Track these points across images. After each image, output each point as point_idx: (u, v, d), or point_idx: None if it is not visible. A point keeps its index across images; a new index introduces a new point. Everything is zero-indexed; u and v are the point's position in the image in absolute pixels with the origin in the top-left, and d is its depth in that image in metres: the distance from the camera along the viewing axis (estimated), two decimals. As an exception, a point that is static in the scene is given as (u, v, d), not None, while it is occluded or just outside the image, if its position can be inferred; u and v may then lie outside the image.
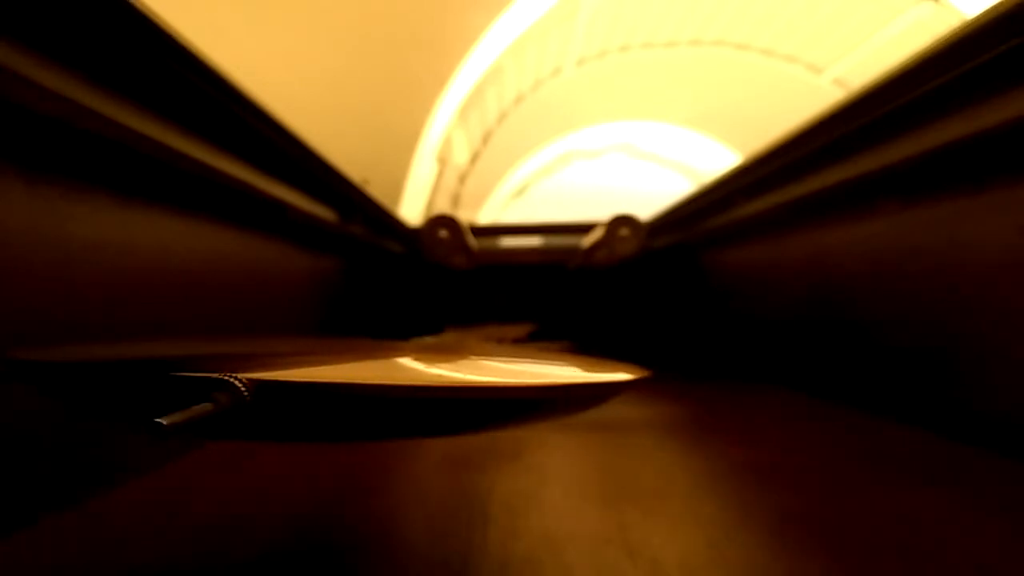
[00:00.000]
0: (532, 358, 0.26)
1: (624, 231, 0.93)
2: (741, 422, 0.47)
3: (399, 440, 0.36)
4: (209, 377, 0.13)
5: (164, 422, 0.11)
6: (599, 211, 1.02)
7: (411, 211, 2.61)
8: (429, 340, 0.50)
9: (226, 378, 0.13)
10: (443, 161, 3.02)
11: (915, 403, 0.42)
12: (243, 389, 0.13)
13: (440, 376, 0.20)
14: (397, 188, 2.52)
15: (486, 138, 3.40)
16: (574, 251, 1.04)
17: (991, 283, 0.36)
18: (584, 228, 1.05)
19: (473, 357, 0.29)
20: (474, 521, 0.24)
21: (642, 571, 0.20)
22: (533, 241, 1.18)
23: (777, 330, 0.67)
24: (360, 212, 0.73)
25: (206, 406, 0.12)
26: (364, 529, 0.24)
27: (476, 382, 0.17)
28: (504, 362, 0.26)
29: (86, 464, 0.29)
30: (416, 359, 0.23)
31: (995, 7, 0.30)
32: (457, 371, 0.23)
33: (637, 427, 0.43)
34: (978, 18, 0.31)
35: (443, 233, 0.92)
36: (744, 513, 0.26)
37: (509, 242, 1.18)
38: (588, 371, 0.23)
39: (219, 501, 0.28)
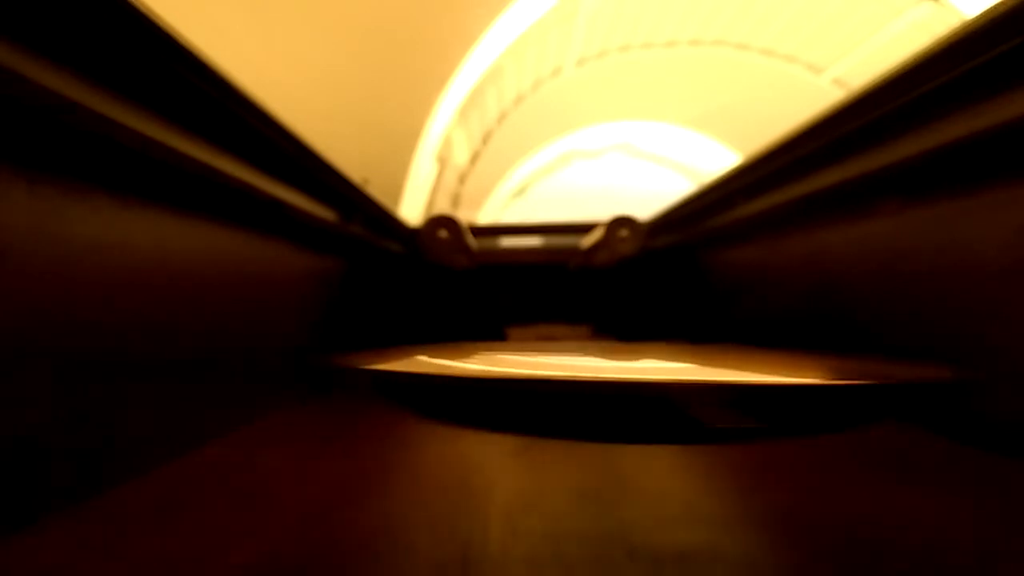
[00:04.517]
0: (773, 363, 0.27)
1: (624, 231, 0.93)
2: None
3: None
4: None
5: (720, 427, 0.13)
6: (599, 211, 1.03)
7: (411, 211, 2.61)
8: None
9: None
10: (443, 161, 3.02)
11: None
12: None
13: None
14: (397, 188, 2.52)
15: (486, 138, 3.40)
16: (574, 251, 1.04)
17: (991, 283, 0.36)
18: (584, 228, 1.05)
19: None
20: (474, 521, 0.24)
21: (642, 571, 0.20)
22: (533, 241, 1.18)
23: (777, 329, 0.67)
24: (360, 212, 0.73)
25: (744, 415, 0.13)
26: (364, 529, 0.24)
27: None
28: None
29: (86, 464, 0.29)
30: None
31: (995, 7, 0.30)
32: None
33: (637, 427, 0.43)
34: (978, 18, 0.31)
35: (443, 233, 0.92)
36: (744, 512, 0.26)
37: (509, 242, 1.18)
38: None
39: (219, 501, 0.28)
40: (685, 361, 0.25)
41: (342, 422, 0.50)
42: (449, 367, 0.22)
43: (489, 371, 0.21)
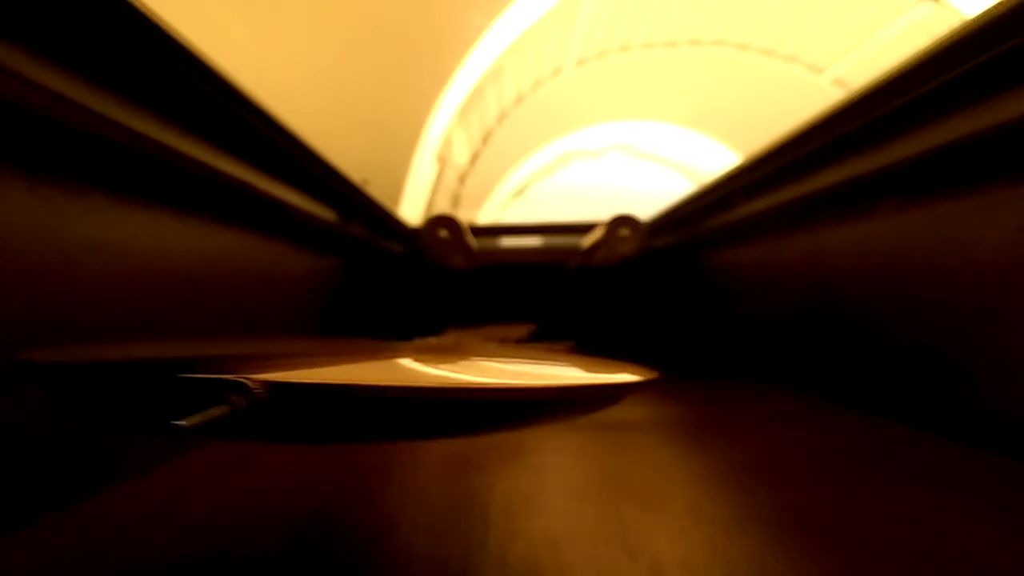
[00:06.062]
0: (536, 358, 0.26)
1: (624, 231, 0.93)
2: (741, 422, 0.47)
3: (405, 441, 0.36)
4: (222, 378, 0.13)
5: (182, 424, 0.12)
6: (599, 211, 1.02)
7: (411, 211, 2.61)
8: (432, 341, 0.50)
9: (240, 379, 0.13)
10: (443, 161, 3.02)
11: (914, 403, 0.42)
12: (257, 390, 0.13)
13: (444, 377, 0.20)
14: (397, 188, 2.52)
15: (486, 138, 3.40)
16: (574, 251, 1.04)
17: (991, 283, 0.36)
18: (584, 228, 1.05)
19: (475, 358, 0.29)
20: (474, 521, 0.24)
21: (642, 571, 0.20)
22: (533, 241, 1.18)
23: (777, 330, 0.67)
24: (360, 212, 0.73)
25: (222, 408, 0.12)
26: (364, 529, 0.24)
27: (480, 383, 0.17)
28: (507, 363, 0.25)
29: (86, 464, 0.28)
30: (419, 360, 0.23)
31: (995, 7, 0.30)
32: (460, 372, 0.22)
33: (637, 427, 0.43)
34: (978, 18, 0.31)
35: (443, 233, 0.92)
36: (743, 512, 0.26)
37: (509, 242, 1.18)
38: (593, 371, 0.23)
39: (219, 501, 0.28)
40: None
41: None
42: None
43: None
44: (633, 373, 0.20)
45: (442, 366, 0.22)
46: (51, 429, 0.27)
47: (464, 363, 0.26)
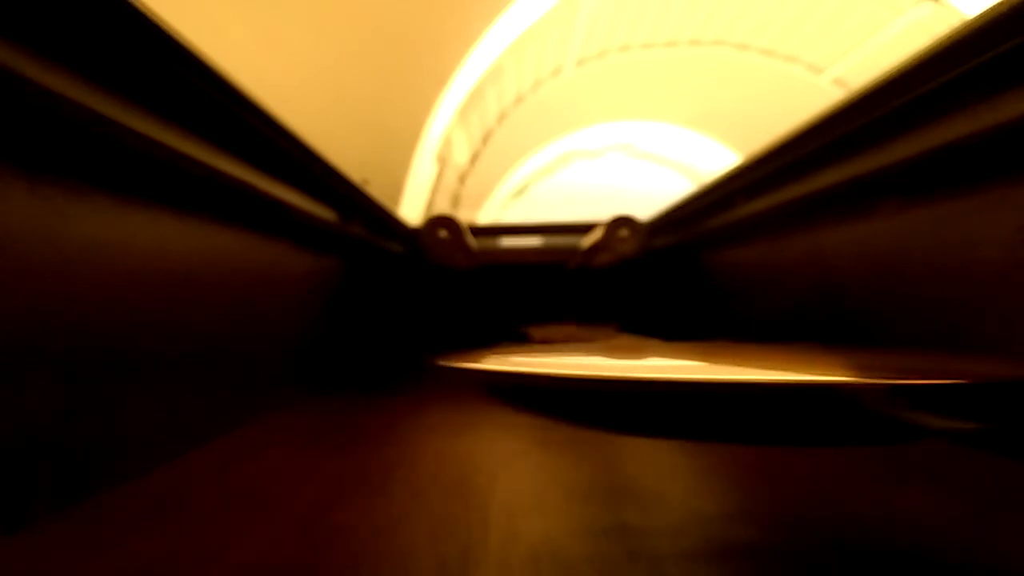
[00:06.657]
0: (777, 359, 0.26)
1: (624, 231, 0.93)
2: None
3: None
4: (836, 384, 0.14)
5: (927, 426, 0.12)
6: (599, 211, 1.03)
7: (411, 211, 2.61)
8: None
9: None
10: (443, 161, 3.02)
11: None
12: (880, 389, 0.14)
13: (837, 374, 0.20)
14: (397, 188, 2.52)
15: (486, 138, 3.40)
16: (574, 251, 1.04)
17: (991, 283, 0.36)
18: (584, 228, 1.05)
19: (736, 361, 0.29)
20: (474, 521, 0.24)
21: (642, 571, 0.20)
22: (533, 241, 1.18)
23: (777, 330, 0.67)
24: (360, 212, 0.73)
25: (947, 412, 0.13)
26: (364, 529, 0.24)
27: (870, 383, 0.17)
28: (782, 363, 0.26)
29: (86, 464, 0.29)
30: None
31: (995, 7, 0.30)
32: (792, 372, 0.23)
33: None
34: (978, 18, 0.31)
35: (443, 233, 0.93)
36: (743, 512, 0.26)
37: (509, 242, 1.18)
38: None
39: (219, 501, 0.28)
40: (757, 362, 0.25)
41: (341, 422, 0.50)
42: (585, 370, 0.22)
43: (646, 374, 0.21)
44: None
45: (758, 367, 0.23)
46: (51, 429, 0.27)
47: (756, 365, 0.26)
